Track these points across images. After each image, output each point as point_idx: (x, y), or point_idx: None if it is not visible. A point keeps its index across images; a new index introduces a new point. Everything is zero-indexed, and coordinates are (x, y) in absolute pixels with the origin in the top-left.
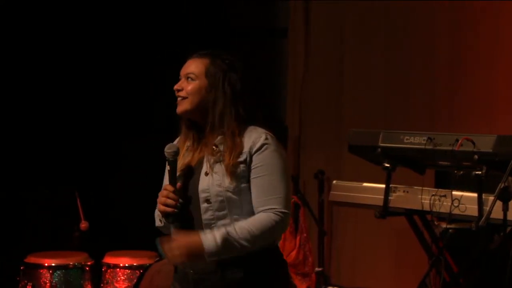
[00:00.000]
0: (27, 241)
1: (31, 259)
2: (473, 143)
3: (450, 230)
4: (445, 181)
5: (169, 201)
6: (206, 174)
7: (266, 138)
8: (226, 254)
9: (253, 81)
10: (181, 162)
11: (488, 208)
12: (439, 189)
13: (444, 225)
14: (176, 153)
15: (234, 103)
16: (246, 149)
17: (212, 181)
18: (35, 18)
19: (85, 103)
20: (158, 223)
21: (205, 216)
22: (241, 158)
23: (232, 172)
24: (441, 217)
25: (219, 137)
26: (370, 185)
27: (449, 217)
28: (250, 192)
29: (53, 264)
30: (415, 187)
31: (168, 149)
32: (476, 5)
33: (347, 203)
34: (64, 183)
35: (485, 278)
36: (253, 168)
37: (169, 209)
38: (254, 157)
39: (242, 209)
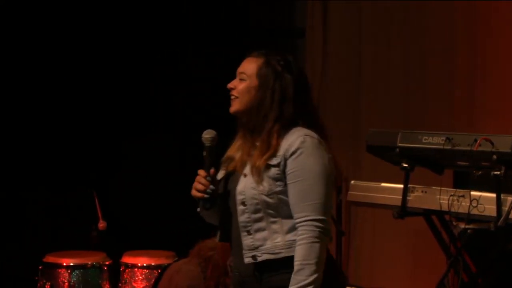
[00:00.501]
0: (45, 240)
1: (50, 259)
2: (492, 143)
3: (468, 231)
4: (463, 181)
5: (199, 186)
6: (245, 175)
7: (303, 141)
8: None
9: (307, 82)
10: (230, 157)
11: (507, 209)
12: (458, 189)
13: (462, 226)
14: (214, 139)
15: (281, 105)
16: (281, 152)
17: (248, 184)
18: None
19: (101, 103)
20: (198, 209)
21: (241, 218)
22: (275, 162)
23: (263, 175)
24: (459, 217)
25: (259, 139)
26: (388, 185)
27: (468, 217)
28: (287, 196)
29: (71, 264)
30: (434, 187)
31: (205, 135)
32: (495, 5)
33: (365, 203)
34: (82, 183)
35: (504, 279)
36: (289, 173)
37: (199, 194)
38: (289, 162)
39: (278, 212)
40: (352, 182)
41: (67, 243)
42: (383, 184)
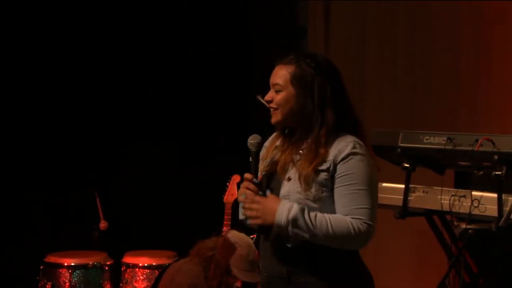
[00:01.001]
0: (46, 240)
1: (51, 259)
2: (493, 143)
3: (469, 231)
4: (464, 182)
5: (248, 192)
6: (289, 179)
7: (354, 147)
8: (295, 233)
9: (343, 83)
10: (268, 161)
11: (508, 209)
12: (459, 190)
13: (463, 226)
14: (260, 144)
15: (322, 108)
16: (330, 157)
17: (293, 188)
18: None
19: (101, 103)
20: (241, 216)
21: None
22: (324, 167)
23: (311, 180)
24: (460, 217)
25: (306, 143)
26: (390, 185)
27: (469, 218)
28: (333, 201)
29: (72, 264)
30: (435, 188)
31: (251, 140)
32: (500, 6)
33: None
34: (84, 183)
35: (505, 279)
36: (338, 177)
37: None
38: (338, 166)
39: None
40: None
41: (68, 243)
42: (385, 184)
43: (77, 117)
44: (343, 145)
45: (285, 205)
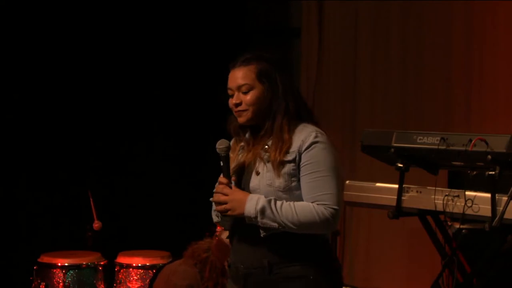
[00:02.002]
0: (40, 241)
1: (44, 259)
2: (487, 143)
3: (463, 231)
4: (458, 182)
5: (223, 198)
6: (258, 173)
7: (316, 136)
8: (264, 224)
9: (293, 76)
10: (235, 162)
11: (501, 209)
12: (452, 190)
13: (457, 226)
14: (228, 148)
15: (285, 99)
16: (295, 148)
17: (263, 180)
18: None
19: (96, 103)
20: (215, 218)
21: None
22: (290, 157)
23: (280, 170)
24: (454, 217)
25: (271, 137)
26: (383, 185)
27: (462, 218)
28: (300, 190)
29: (66, 264)
30: (428, 187)
31: (219, 145)
32: (492, 6)
33: (360, 203)
34: (77, 183)
35: (499, 279)
36: (303, 166)
37: (221, 207)
38: (303, 155)
39: None
40: (347, 182)
41: (62, 243)
42: (378, 184)
43: (71, 117)
44: (306, 135)
45: (253, 197)
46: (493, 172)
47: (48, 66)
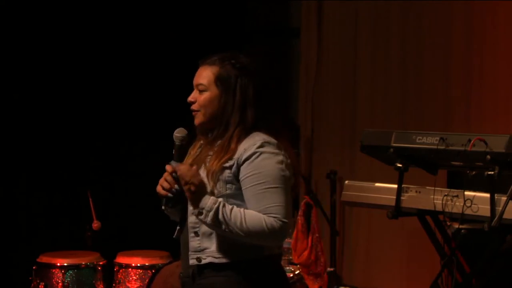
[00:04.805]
0: (39, 240)
1: (44, 259)
2: (486, 143)
3: (462, 231)
4: (457, 182)
5: (165, 184)
6: None
7: (261, 146)
8: (212, 221)
9: (267, 82)
10: (189, 161)
11: (500, 209)
12: (452, 190)
13: (456, 226)
14: (184, 138)
15: (243, 109)
16: (236, 156)
17: None
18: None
19: (96, 103)
20: (163, 206)
21: (191, 219)
22: (228, 164)
23: (216, 177)
24: (453, 217)
25: (219, 142)
26: (382, 185)
27: (462, 218)
28: (238, 200)
29: (65, 264)
30: (428, 187)
31: (176, 133)
32: (492, 6)
33: (359, 203)
34: (77, 183)
35: (498, 279)
36: (247, 177)
37: (163, 192)
38: (243, 167)
39: None
40: (346, 182)
41: (61, 243)
42: (377, 184)
43: (71, 117)
44: (249, 144)
45: (212, 197)
46: (492, 172)
47: (48, 66)
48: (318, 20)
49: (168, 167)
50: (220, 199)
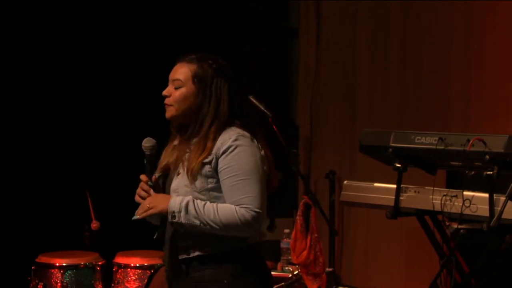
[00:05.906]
0: (38, 241)
1: (42, 259)
2: (485, 143)
3: (461, 231)
4: (456, 182)
5: (142, 193)
6: (178, 174)
7: (236, 140)
8: (187, 220)
9: (241, 89)
10: (165, 160)
11: (499, 209)
12: (450, 190)
13: (455, 226)
14: (153, 147)
15: (217, 108)
16: (214, 151)
17: (182, 182)
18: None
19: (95, 103)
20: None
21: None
22: (207, 159)
23: (196, 173)
24: (452, 217)
25: (195, 140)
26: (381, 185)
27: (460, 218)
28: (220, 192)
29: (64, 264)
30: (426, 188)
31: (145, 143)
32: (491, 5)
33: (358, 203)
34: (76, 183)
35: (497, 279)
36: (222, 170)
37: (141, 201)
38: (220, 160)
39: None
40: (345, 182)
41: (60, 243)
42: (376, 184)
43: (71, 117)
44: (225, 139)
45: (178, 197)
46: (491, 172)
47: (48, 66)
48: (316, 20)
49: (142, 177)
50: (189, 197)
